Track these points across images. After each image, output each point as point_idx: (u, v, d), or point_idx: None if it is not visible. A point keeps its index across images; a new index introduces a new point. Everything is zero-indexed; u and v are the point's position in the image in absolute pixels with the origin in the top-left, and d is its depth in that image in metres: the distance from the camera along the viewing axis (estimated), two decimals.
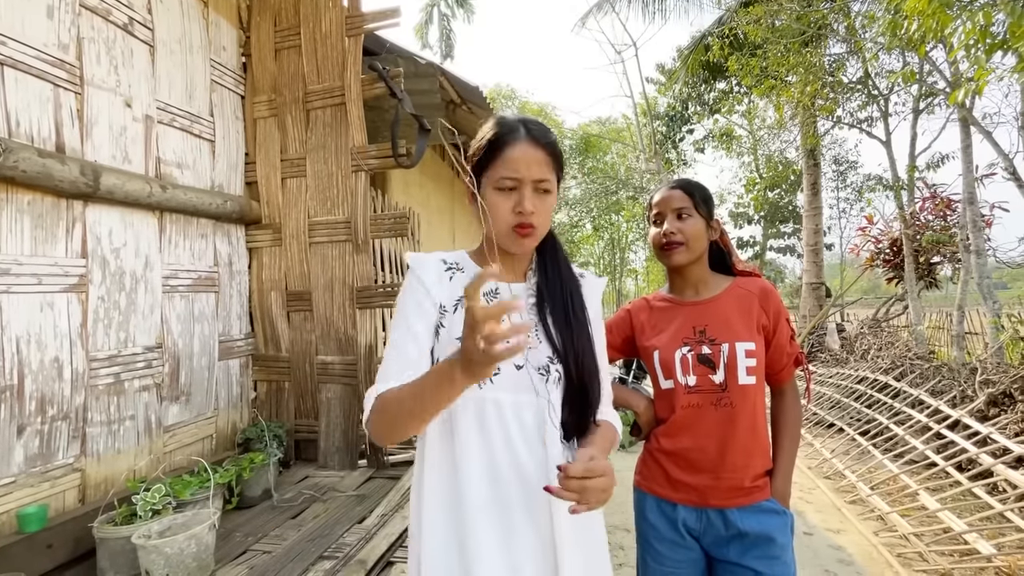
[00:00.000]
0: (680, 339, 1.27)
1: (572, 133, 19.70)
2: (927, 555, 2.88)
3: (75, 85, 1.66)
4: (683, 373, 1.25)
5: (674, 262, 1.32)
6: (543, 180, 0.88)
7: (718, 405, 1.22)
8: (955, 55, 4.13)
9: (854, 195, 14.22)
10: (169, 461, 1.91)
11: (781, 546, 1.20)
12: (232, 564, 1.47)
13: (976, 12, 3.50)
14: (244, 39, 2.42)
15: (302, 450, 2.34)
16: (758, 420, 1.25)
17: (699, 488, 1.22)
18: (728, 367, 1.22)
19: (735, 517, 1.21)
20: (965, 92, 3.55)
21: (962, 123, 5.61)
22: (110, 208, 1.75)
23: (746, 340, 1.22)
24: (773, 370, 1.33)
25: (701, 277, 1.34)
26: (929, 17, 3.80)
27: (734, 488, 1.22)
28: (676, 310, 1.33)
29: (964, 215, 5.62)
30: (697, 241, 1.30)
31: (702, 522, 1.22)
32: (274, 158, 2.37)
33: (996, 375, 4.23)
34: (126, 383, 1.78)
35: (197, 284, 2.10)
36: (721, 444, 1.22)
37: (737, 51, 8.35)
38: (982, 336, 6.84)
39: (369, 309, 2.26)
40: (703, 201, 1.31)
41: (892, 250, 8.10)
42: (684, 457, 1.23)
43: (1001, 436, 3.39)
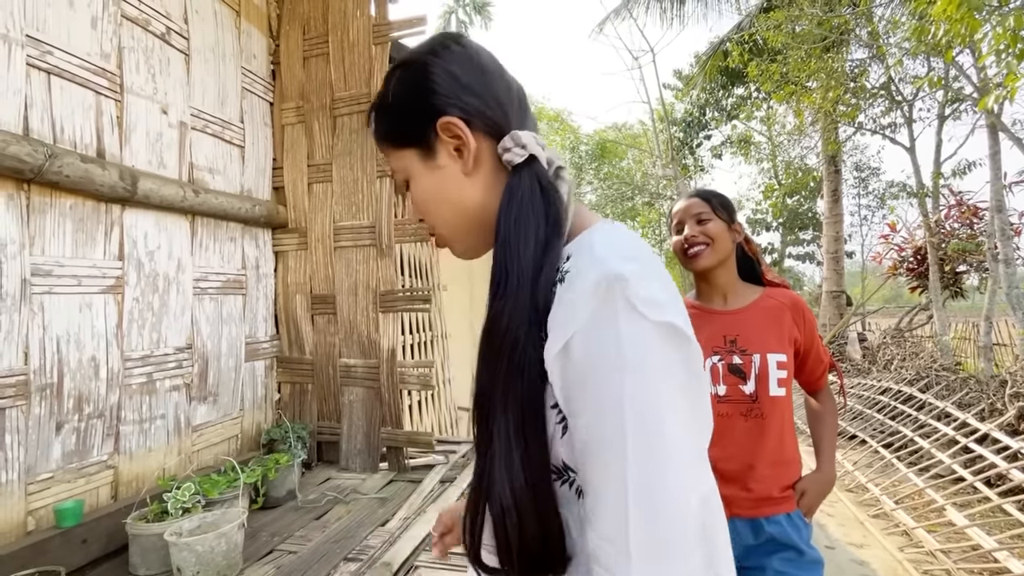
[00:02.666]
0: (711, 348, 1.27)
1: (588, 138, 19.69)
2: (955, 573, 2.81)
3: (115, 93, 1.71)
4: (713, 383, 1.24)
5: (700, 265, 1.31)
6: (394, 172, 0.61)
7: (748, 416, 1.22)
8: (984, 60, 4.05)
9: (876, 202, 13.98)
10: (197, 460, 1.95)
11: (811, 559, 1.19)
12: (259, 563, 1.49)
13: (1007, 16, 3.44)
14: (274, 47, 2.47)
15: (324, 452, 2.37)
16: (786, 431, 1.24)
17: (728, 499, 1.19)
18: (759, 378, 1.21)
19: (765, 524, 1.21)
20: (996, 98, 3.48)
21: (990, 129, 5.49)
22: (146, 212, 1.80)
23: (777, 352, 1.22)
24: (812, 378, 1.35)
25: (730, 285, 1.33)
26: (957, 22, 3.73)
27: (763, 499, 1.21)
28: (706, 318, 1.32)
29: (992, 223, 5.49)
30: (721, 242, 1.29)
31: (732, 533, 1.20)
32: (301, 163, 2.41)
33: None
34: (158, 383, 1.82)
35: (226, 287, 2.14)
36: (750, 454, 1.22)
37: (757, 57, 8.29)
38: (1011, 348, 6.67)
39: (392, 313, 2.28)
40: (721, 206, 1.32)
41: (916, 258, 7.94)
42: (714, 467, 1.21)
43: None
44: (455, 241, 0.60)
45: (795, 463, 1.28)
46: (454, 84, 0.56)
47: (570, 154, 19.55)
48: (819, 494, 1.26)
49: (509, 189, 0.54)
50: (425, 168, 0.57)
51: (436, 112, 0.55)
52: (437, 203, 0.58)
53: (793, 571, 1.17)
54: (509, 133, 0.56)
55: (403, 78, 0.58)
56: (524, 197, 0.53)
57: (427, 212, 0.59)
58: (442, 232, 0.60)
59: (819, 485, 1.26)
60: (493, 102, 0.57)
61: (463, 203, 0.57)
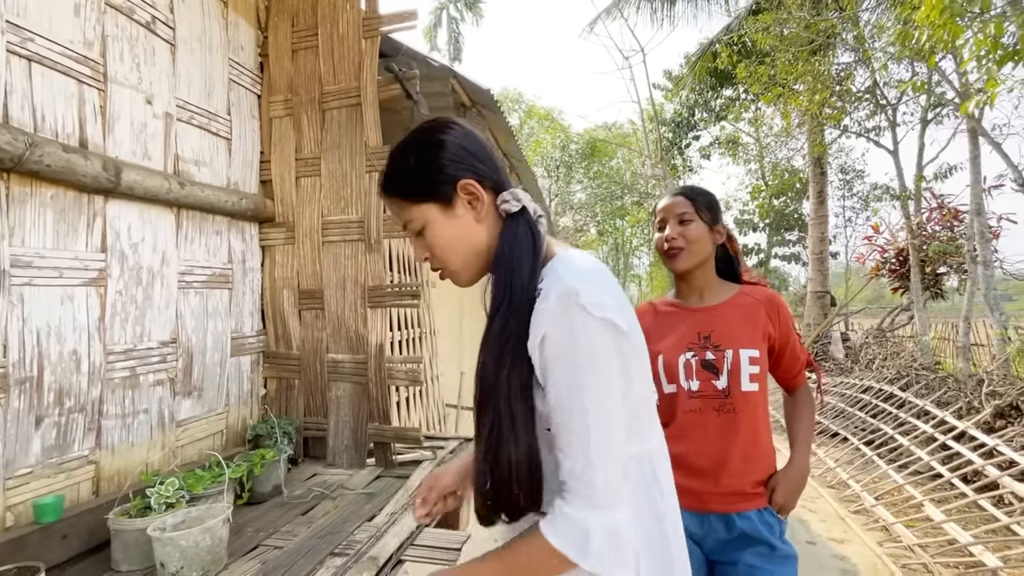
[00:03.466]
0: (684, 344, 1.28)
1: (579, 137, 19.74)
2: (932, 567, 2.88)
3: (99, 82, 1.68)
4: (686, 378, 1.26)
5: (676, 267, 1.33)
6: (404, 225, 0.78)
7: (720, 411, 1.23)
8: (966, 66, 4.14)
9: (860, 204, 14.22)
10: (181, 456, 1.93)
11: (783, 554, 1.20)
12: (244, 558, 1.48)
13: (988, 23, 3.52)
14: (262, 39, 2.45)
15: (311, 447, 2.36)
16: (760, 427, 1.25)
17: (700, 493, 1.22)
18: (731, 373, 1.22)
19: (736, 519, 1.21)
20: (976, 103, 3.56)
21: (971, 134, 5.62)
22: (130, 204, 1.77)
23: (750, 347, 1.23)
24: (789, 375, 1.36)
25: (706, 283, 1.34)
26: (940, 28, 3.81)
27: (735, 493, 1.22)
28: (681, 315, 1.34)
29: (971, 226, 5.61)
30: (699, 245, 1.30)
31: (704, 527, 1.23)
32: (289, 157, 2.39)
33: (1003, 387, 4.23)
34: (141, 377, 1.80)
35: (211, 281, 2.12)
36: (722, 449, 1.22)
37: (745, 59, 8.38)
38: (988, 348, 6.83)
39: (380, 308, 2.27)
40: (706, 207, 1.32)
41: (898, 260, 8.11)
42: (685, 462, 1.23)
43: (1008, 448, 3.38)
44: (463, 273, 0.78)
45: (769, 459, 1.28)
46: (466, 154, 0.75)
47: (560, 153, 19.59)
48: (791, 489, 1.26)
49: (509, 231, 0.74)
50: (445, 218, 0.75)
51: (456, 176, 0.74)
52: (454, 243, 0.75)
53: (765, 565, 1.18)
54: (509, 190, 0.77)
55: (423, 150, 0.75)
56: (521, 238, 0.73)
57: (444, 251, 0.76)
58: (454, 268, 0.77)
59: (790, 480, 1.26)
60: (493, 167, 0.77)
61: (475, 243, 0.76)
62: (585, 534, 0.62)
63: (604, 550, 0.62)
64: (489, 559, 0.70)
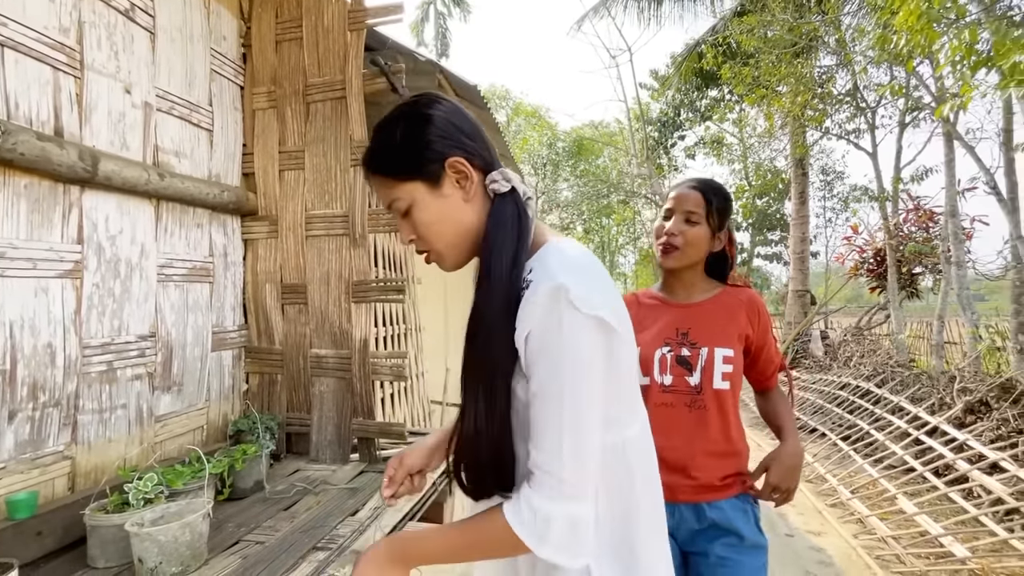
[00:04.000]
0: (662, 339, 1.30)
1: (566, 136, 19.78)
2: (904, 558, 2.96)
3: (75, 69, 1.64)
4: (660, 372, 1.28)
5: (665, 264, 1.34)
6: (389, 204, 0.76)
7: (691, 407, 1.25)
8: (941, 70, 4.24)
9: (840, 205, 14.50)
10: (161, 451, 1.90)
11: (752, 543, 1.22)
12: (225, 554, 1.47)
13: (962, 29, 3.60)
14: (245, 29, 2.41)
15: (294, 443, 2.34)
16: (730, 424, 1.27)
17: (671, 486, 1.23)
18: (704, 370, 1.24)
19: (706, 509, 1.24)
20: (951, 107, 3.65)
21: (946, 137, 5.76)
22: (107, 194, 1.74)
23: (725, 346, 1.25)
24: (763, 376, 1.38)
25: (693, 281, 1.36)
26: (917, 33, 3.89)
27: (704, 486, 1.24)
28: (663, 309, 1.36)
29: (946, 227, 5.77)
30: (694, 248, 1.30)
31: (675, 517, 1.25)
32: (272, 150, 2.36)
33: (973, 384, 4.36)
34: (119, 371, 1.77)
35: (192, 274, 2.09)
36: (691, 444, 1.24)
37: (730, 59, 8.47)
38: (960, 346, 7.03)
39: (365, 304, 2.26)
40: (717, 211, 1.31)
41: (876, 260, 8.29)
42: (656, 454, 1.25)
43: (977, 443, 3.49)
44: (448, 255, 0.76)
45: (740, 456, 1.32)
46: (455, 131, 0.73)
47: (547, 150, 19.62)
48: (787, 467, 1.26)
49: (498, 212, 0.73)
50: (432, 197, 0.72)
51: (445, 153, 0.71)
52: (441, 224, 0.73)
53: (734, 556, 1.20)
54: (499, 169, 0.75)
55: (410, 125, 0.72)
56: (509, 219, 0.72)
57: (430, 232, 0.73)
58: (439, 249, 0.75)
59: (782, 460, 1.27)
60: (482, 145, 0.75)
61: (463, 223, 0.73)
62: (547, 523, 0.63)
63: (562, 540, 0.63)
64: (448, 530, 0.72)
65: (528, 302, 0.66)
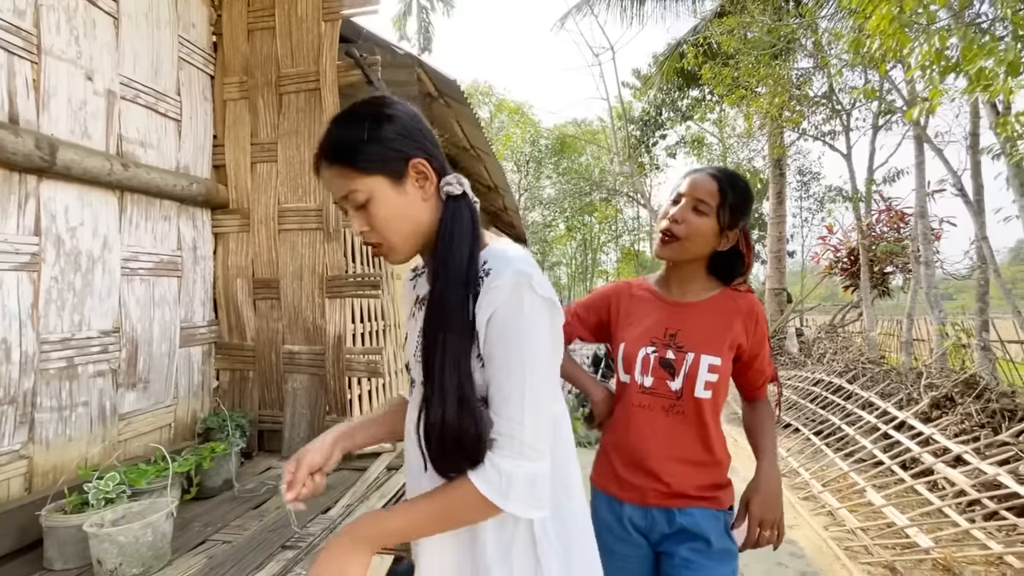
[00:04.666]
0: (648, 337, 1.22)
1: (549, 133, 19.80)
2: (872, 548, 3.04)
3: (31, 54, 1.58)
4: (642, 372, 1.20)
5: (660, 254, 1.24)
6: (346, 196, 0.76)
7: (670, 411, 1.18)
8: (912, 75, 4.34)
9: (816, 205, 14.79)
10: (124, 449, 1.85)
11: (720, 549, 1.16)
12: (190, 554, 1.44)
13: (932, 35, 3.69)
14: (215, 17, 2.35)
15: (266, 441, 2.30)
16: (709, 434, 1.20)
17: (642, 489, 1.20)
18: (687, 377, 1.17)
19: (677, 514, 1.19)
20: (920, 110, 3.74)
21: (916, 140, 5.91)
22: (67, 185, 1.68)
23: (713, 354, 1.16)
24: (752, 386, 1.30)
25: (692, 277, 1.25)
26: (889, 37, 3.97)
27: (676, 493, 1.19)
28: (653, 304, 1.27)
29: (916, 228, 5.92)
30: (695, 242, 1.19)
31: (647, 520, 1.21)
32: (244, 141, 2.31)
33: (939, 380, 4.49)
34: (79, 368, 1.71)
35: (158, 268, 2.03)
36: (666, 450, 1.18)
37: (711, 60, 8.56)
38: (928, 343, 7.24)
39: (339, 299, 2.23)
40: (731, 207, 1.17)
41: (849, 259, 8.49)
42: (630, 456, 1.21)
43: (942, 437, 3.59)
44: (400, 250, 0.80)
45: (718, 466, 1.22)
46: (418, 133, 0.78)
47: (530, 147, 19.61)
48: (765, 499, 1.18)
49: (455, 211, 0.78)
50: (394, 193, 0.76)
51: (409, 153, 0.76)
52: (399, 220, 0.77)
53: (700, 560, 1.16)
54: (453, 173, 0.81)
55: (377, 122, 0.75)
56: (465, 219, 0.78)
57: (386, 227, 0.77)
58: (393, 243, 0.79)
59: (761, 490, 1.19)
60: (438, 150, 0.81)
61: (420, 221, 0.79)
62: (510, 482, 0.70)
63: (524, 495, 0.70)
64: (414, 502, 0.77)
65: (491, 288, 0.72)
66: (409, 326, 0.94)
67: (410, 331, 0.93)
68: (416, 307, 0.93)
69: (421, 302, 0.91)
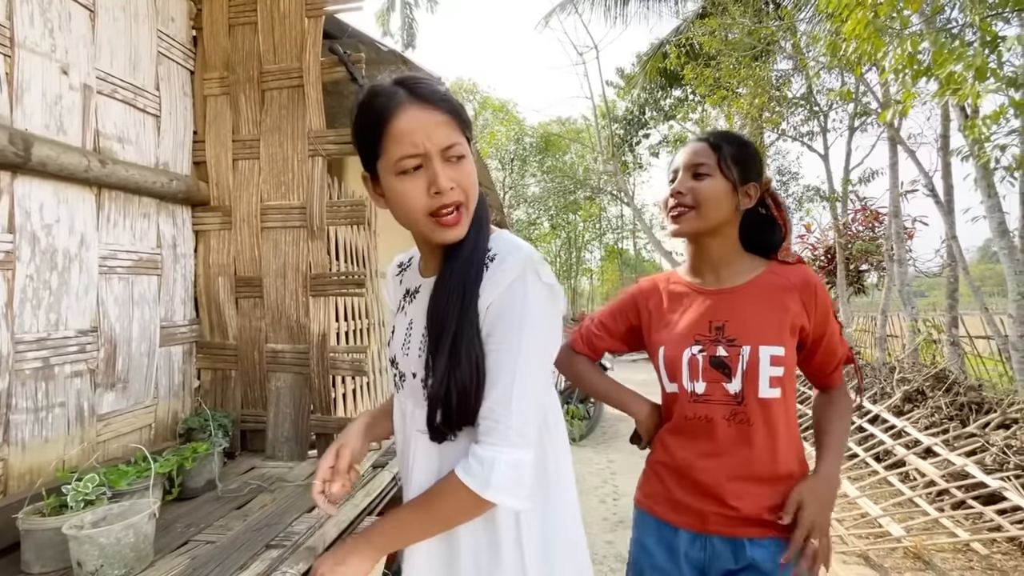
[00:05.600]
0: (692, 335, 1.04)
1: (533, 131, 19.82)
2: (846, 538, 3.13)
3: (4, 47, 1.54)
4: (690, 378, 1.02)
5: (679, 231, 1.07)
6: (451, 145, 0.74)
7: (731, 420, 0.99)
8: (886, 78, 4.46)
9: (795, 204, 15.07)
10: (103, 451, 1.82)
11: None
12: (173, 555, 1.42)
13: (905, 39, 3.79)
14: (195, 11, 2.31)
15: (249, 440, 2.28)
16: (781, 441, 1.00)
17: (701, 513, 1.02)
18: (747, 375, 0.98)
19: (748, 546, 0.98)
20: (893, 113, 3.85)
21: (890, 142, 6.08)
22: (42, 181, 1.64)
23: (773, 344, 0.98)
24: (823, 373, 1.11)
25: (724, 256, 1.07)
26: (864, 41, 4.07)
27: (745, 518, 1.00)
28: (691, 298, 1.09)
29: (890, 227, 6.09)
30: (712, 207, 1.02)
31: (707, 551, 1.01)
32: (225, 138, 2.28)
33: (911, 374, 4.63)
34: (56, 368, 1.67)
35: (138, 266, 1.99)
36: (730, 467, 1.00)
37: (693, 61, 8.66)
38: (901, 339, 7.45)
39: (323, 297, 2.22)
40: (733, 159, 1.03)
41: (826, 257, 8.68)
42: (686, 475, 1.04)
43: (913, 429, 3.71)
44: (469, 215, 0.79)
45: (794, 480, 1.01)
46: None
47: (515, 145, 19.61)
48: (820, 506, 0.98)
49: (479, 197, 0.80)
50: (471, 159, 0.79)
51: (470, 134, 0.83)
52: (474, 183, 0.78)
53: None
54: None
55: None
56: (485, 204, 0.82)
57: (470, 186, 0.76)
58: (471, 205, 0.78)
59: (817, 494, 0.98)
60: None
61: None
62: (491, 468, 0.69)
63: (504, 482, 0.69)
64: (407, 504, 0.78)
65: (497, 270, 0.74)
66: (396, 320, 0.94)
67: (397, 325, 0.93)
68: (405, 300, 0.93)
69: (412, 294, 0.90)
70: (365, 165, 0.81)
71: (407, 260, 0.99)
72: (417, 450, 0.84)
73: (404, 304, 0.92)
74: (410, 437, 0.86)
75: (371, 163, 0.78)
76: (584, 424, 5.50)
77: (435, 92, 0.74)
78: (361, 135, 0.79)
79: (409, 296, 0.91)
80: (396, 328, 0.92)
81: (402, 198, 0.74)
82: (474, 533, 0.78)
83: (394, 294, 0.98)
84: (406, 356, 0.86)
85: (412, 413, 0.85)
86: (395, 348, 0.90)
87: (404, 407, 0.90)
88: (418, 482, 0.81)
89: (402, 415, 0.91)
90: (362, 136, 0.79)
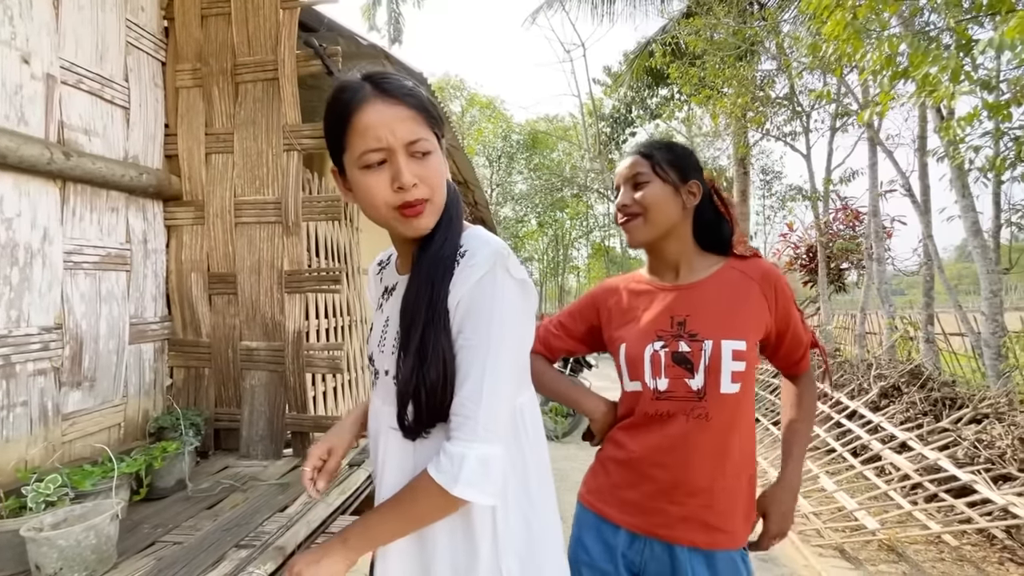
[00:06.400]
0: (653, 332, 1.04)
1: (520, 128, 19.80)
2: (823, 532, 3.17)
3: None
4: (653, 375, 1.01)
5: (633, 240, 1.09)
6: (416, 140, 0.73)
7: (690, 416, 0.98)
8: (865, 79, 4.52)
9: (778, 203, 15.27)
10: (68, 451, 1.77)
11: None
12: (138, 556, 1.39)
13: (883, 41, 3.84)
14: (167, 1, 2.25)
15: (223, 439, 2.24)
16: (737, 440, 1.00)
17: (648, 511, 1.01)
18: (709, 370, 0.97)
19: (686, 558, 0.97)
20: (871, 113, 3.90)
21: (870, 143, 6.17)
22: (2, 173, 1.59)
23: (735, 337, 0.98)
24: (791, 361, 1.12)
25: (682, 255, 1.08)
26: (844, 42, 4.12)
27: (691, 521, 0.98)
28: (653, 295, 1.09)
29: (869, 226, 6.19)
30: (659, 211, 1.04)
31: (643, 555, 1.00)
32: (198, 131, 2.23)
33: (888, 370, 4.71)
34: (18, 366, 1.63)
35: (105, 262, 1.95)
36: (684, 461, 0.98)
37: (678, 60, 8.70)
38: (879, 336, 7.58)
39: (299, 294, 2.18)
40: (668, 163, 1.05)
41: (808, 256, 8.81)
42: (637, 469, 1.03)
43: (889, 424, 3.78)
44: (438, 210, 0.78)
45: (747, 485, 1.03)
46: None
47: (502, 143, 19.58)
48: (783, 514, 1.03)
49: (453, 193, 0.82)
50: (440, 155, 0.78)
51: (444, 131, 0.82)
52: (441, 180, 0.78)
53: None
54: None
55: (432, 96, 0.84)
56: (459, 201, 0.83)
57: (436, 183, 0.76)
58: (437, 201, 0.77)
59: (783, 503, 1.02)
60: None
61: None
62: (460, 463, 0.69)
63: (473, 477, 0.68)
64: (383, 505, 0.77)
65: (467, 266, 0.73)
66: (376, 317, 0.93)
67: (376, 322, 0.92)
68: (383, 298, 0.92)
69: (389, 292, 0.90)
70: (333, 159, 0.81)
71: (386, 258, 0.98)
72: (388, 448, 0.83)
73: (382, 301, 0.92)
74: (380, 434, 0.85)
75: (338, 157, 0.78)
76: (568, 421, 5.53)
77: (401, 87, 0.74)
78: (328, 129, 0.79)
79: (387, 294, 0.91)
80: (375, 325, 0.92)
81: (366, 192, 0.74)
82: (451, 532, 0.77)
83: (374, 292, 0.98)
84: (382, 353, 0.85)
85: (383, 410, 0.84)
86: (372, 345, 0.90)
87: (377, 404, 0.89)
88: (390, 481, 0.81)
89: (375, 413, 0.90)
90: (329, 130, 0.78)
